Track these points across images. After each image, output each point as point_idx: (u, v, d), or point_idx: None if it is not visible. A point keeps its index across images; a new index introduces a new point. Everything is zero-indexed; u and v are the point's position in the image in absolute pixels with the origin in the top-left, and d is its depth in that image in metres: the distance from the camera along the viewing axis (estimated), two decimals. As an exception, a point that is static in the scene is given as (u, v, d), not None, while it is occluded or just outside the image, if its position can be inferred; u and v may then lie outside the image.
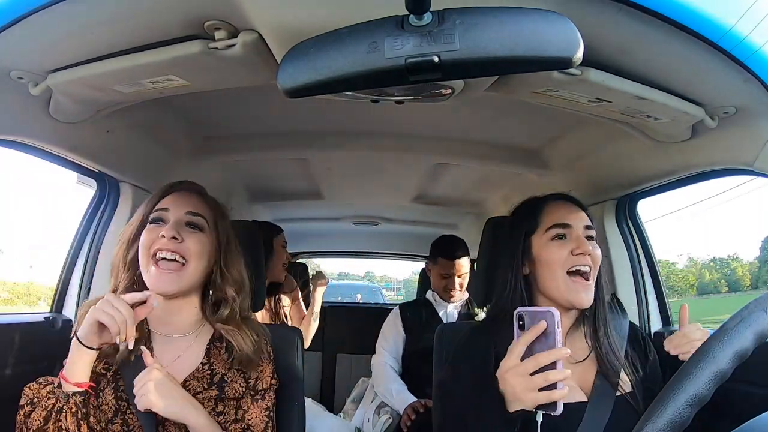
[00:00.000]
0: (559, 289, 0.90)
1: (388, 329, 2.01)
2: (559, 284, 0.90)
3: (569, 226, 0.92)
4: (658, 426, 0.48)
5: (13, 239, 33.52)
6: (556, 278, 0.90)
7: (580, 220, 0.94)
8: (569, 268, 0.90)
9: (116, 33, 0.76)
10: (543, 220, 0.95)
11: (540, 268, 0.93)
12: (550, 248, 0.92)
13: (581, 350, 0.92)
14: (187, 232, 0.89)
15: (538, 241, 0.94)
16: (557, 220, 0.93)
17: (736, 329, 0.52)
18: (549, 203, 0.97)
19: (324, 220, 2.71)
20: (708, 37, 0.66)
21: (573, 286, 0.89)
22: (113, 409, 0.85)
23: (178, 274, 0.87)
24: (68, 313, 1.32)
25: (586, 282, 0.90)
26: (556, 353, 0.69)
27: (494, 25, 0.51)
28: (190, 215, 0.91)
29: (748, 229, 49.21)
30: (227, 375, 0.90)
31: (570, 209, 0.95)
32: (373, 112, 1.27)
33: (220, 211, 0.97)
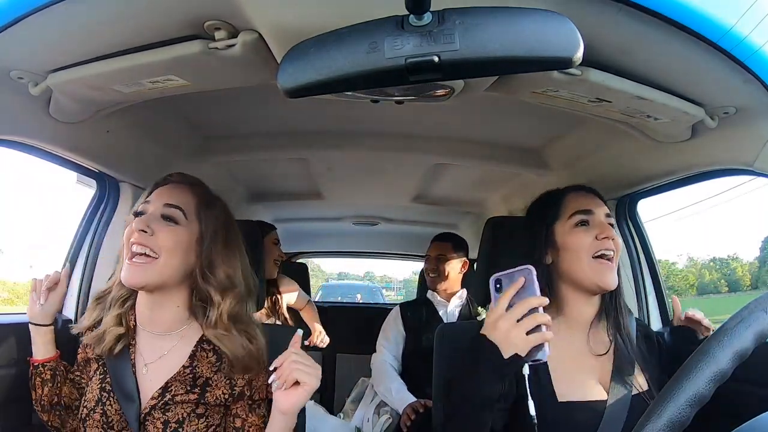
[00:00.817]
0: (585, 272, 0.91)
1: (389, 328, 2.01)
2: (585, 268, 0.91)
3: (592, 212, 0.94)
4: (658, 426, 0.48)
5: (13, 239, 33.53)
6: (581, 263, 0.91)
7: (600, 207, 0.96)
8: (594, 252, 0.91)
9: (116, 33, 0.76)
10: (565, 208, 0.96)
11: (565, 255, 0.93)
12: (575, 234, 0.93)
13: (602, 344, 0.92)
14: (160, 224, 0.85)
15: (562, 229, 0.95)
16: (580, 206, 0.95)
17: (736, 329, 0.52)
18: (569, 193, 0.99)
19: (324, 220, 2.71)
20: (708, 37, 0.66)
21: (599, 268, 0.90)
22: (96, 398, 0.86)
23: (146, 267, 0.83)
24: (68, 313, 1.32)
25: (611, 264, 0.91)
26: (538, 300, 0.76)
27: (494, 25, 0.51)
28: (166, 207, 0.86)
29: (748, 229, 49.21)
30: (212, 379, 0.87)
31: (590, 198, 0.98)
32: (373, 112, 1.27)
33: (205, 201, 0.91)
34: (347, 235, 3.05)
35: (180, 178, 0.93)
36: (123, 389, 0.85)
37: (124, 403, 0.84)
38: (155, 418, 0.83)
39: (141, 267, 0.83)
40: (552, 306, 0.93)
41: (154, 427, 0.83)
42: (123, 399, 0.84)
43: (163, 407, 0.84)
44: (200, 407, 0.85)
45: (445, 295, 2.00)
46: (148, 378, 0.87)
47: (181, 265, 0.86)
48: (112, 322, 0.88)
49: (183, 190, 0.90)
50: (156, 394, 0.85)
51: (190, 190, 0.91)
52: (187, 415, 0.84)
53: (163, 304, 0.88)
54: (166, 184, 0.92)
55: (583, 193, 0.99)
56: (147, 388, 0.86)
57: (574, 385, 0.86)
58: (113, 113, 1.03)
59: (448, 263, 1.97)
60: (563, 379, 0.86)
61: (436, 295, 2.01)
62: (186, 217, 0.87)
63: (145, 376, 0.87)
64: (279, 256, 1.93)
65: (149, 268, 0.83)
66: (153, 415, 0.84)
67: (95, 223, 1.36)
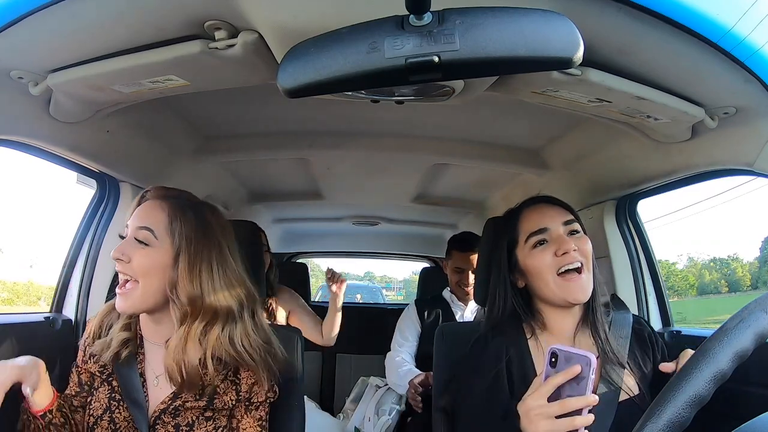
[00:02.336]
0: (553, 291, 0.90)
1: (405, 326, 1.96)
2: (552, 287, 0.90)
3: (546, 229, 0.92)
4: (658, 426, 0.48)
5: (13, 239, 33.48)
6: (547, 283, 0.90)
7: (556, 218, 0.93)
8: (557, 269, 0.89)
9: (116, 33, 0.76)
10: (521, 230, 0.95)
11: (531, 278, 0.93)
12: (534, 256, 0.92)
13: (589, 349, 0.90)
14: (135, 249, 0.83)
15: (522, 253, 0.94)
16: (532, 227, 0.93)
17: (736, 329, 0.52)
18: (522, 212, 0.97)
19: (324, 220, 2.71)
20: (708, 37, 0.66)
21: (565, 285, 0.89)
22: (103, 407, 0.87)
23: (129, 294, 0.83)
24: (68, 313, 1.32)
25: (579, 276, 0.89)
26: (586, 400, 0.66)
27: (494, 25, 0.51)
28: (138, 230, 0.85)
29: (748, 229, 49.16)
30: (219, 387, 0.87)
31: (543, 212, 0.94)
32: (373, 112, 1.27)
33: (175, 215, 0.86)
34: (347, 235, 3.05)
35: (155, 193, 0.90)
36: (131, 396, 0.86)
37: (133, 409, 0.85)
38: (165, 422, 0.85)
39: (125, 295, 0.84)
40: (536, 321, 0.94)
41: (165, 430, 0.84)
42: (133, 406, 0.86)
43: (173, 412, 0.85)
44: (208, 411, 0.87)
45: (465, 298, 1.95)
46: (159, 387, 0.88)
47: (162, 284, 0.84)
48: (118, 329, 0.89)
49: (154, 207, 0.87)
50: (167, 398, 0.86)
51: (161, 205, 0.87)
52: (196, 418, 0.85)
53: (161, 320, 0.89)
54: (142, 202, 0.90)
55: (537, 207, 0.96)
56: (157, 396, 0.87)
57: None
58: (113, 113, 1.03)
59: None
60: None
61: (453, 296, 1.97)
62: (156, 237, 0.84)
63: (156, 387, 0.88)
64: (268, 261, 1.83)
65: (132, 294, 0.83)
66: (163, 419, 0.85)
67: (95, 223, 1.36)
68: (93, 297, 1.33)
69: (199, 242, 0.86)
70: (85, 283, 1.33)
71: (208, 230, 0.88)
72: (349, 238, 3.16)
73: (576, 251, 0.89)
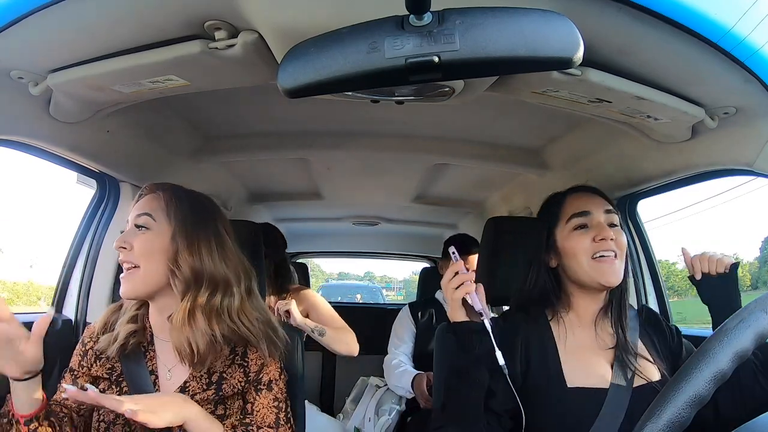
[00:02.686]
0: (587, 273, 0.92)
1: (401, 327, 1.98)
2: (586, 269, 0.92)
3: (589, 213, 0.94)
4: (658, 426, 0.48)
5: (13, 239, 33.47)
6: (582, 265, 0.93)
7: (599, 206, 0.96)
8: (593, 254, 0.92)
9: (116, 33, 0.76)
10: (563, 212, 0.97)
11: (566, 258, 0.95)
12: (573, 238, 0.94)
13: (609, 336, 0.94)
14: (135, 235, 0.87)
15: (561, 234, 0.96)
16: (576, 209, 0.96)
17: (736, 329, 0.52)
18: (569, 196, 0.99)
19: (324, 220, 2.71)
20: (708, 37, 0.66)
21: (599, 267, 0.91)
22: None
23: (131, 278, 0.86)
24: (68, 313, 1.32)
25: (613, 260, 0.92)
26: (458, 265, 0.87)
27: (494, 25, 0.51)
28: (137, 217, 0.88)
29: (748, 229, 49.09)
30: (226, 372, 0.88)
31: (588, 198, 0.97)
32: (373, 112, 1.27)
33: (172, 200, 0.90)
34: (347, 235, 3.05)
35: (151, 188, 0.93)
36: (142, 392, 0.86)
37: None
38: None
39: (127, 278, 0.86)
40: (563, 302, 0.97)
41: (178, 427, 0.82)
42: None
43: None
44: (219, 407, 0.87)
45: None
46: (171, 382, 0.88)
47: (163, 266, 0.86)
48: (125, 321, 0.90)
49: (152, 197, 0.91)
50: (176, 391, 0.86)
51: (157, 195, 0.91)
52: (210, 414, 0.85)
53: (167, 308, 0.89)
54: (140, 199, 0.93)
55: (582, 194, 0.99)
56: (169, 390, 0.87)
57: (581, 373, 0.89)
58: (113, 113, 1.03)
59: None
60: (572, 367, 0.90)
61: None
62: (155, 220, 0.88)
63: (168, 381, 0.89)
64: None
65: (133, 277, 0.86)
66: None
67: (95, 223, 1.36)
68: (93, 297, 1.33)
69: (196, 221, 0.89)
70: (85, 283, 1.33)
71: (203, 212, 0.92)
72: (349, 238, 3.16)
73: (613, 240, 0.92)
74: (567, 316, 0.96)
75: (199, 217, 0.90)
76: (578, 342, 0.94)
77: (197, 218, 0.90)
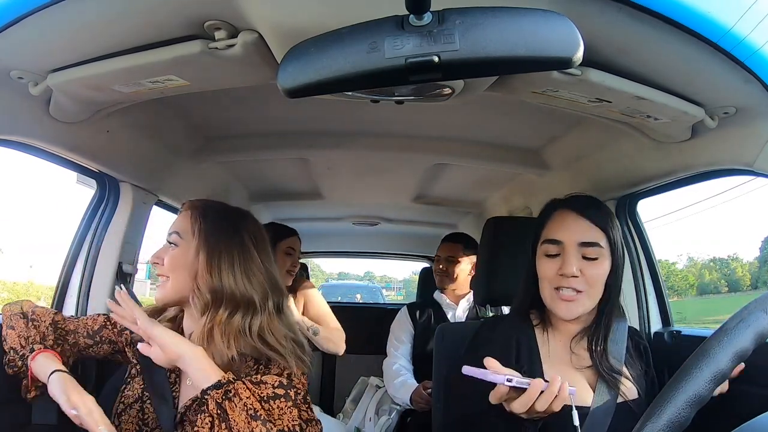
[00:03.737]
0: (547, 300, 0.93)
1: (399, 329, 1.98)
2: (546, 296, 0.93)
3: (560, 242, 0.92)
4: (658, 426, 0.48)
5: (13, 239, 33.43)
6: (545, 292, 0.93)
7: (575, 234, 0.91)
8: (555, 285, 0.91)
9: (116, 33, 0.76)
10: (542, 231, 0.96)
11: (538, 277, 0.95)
12: (542, 263, 0.94)
13: (586, 354, 0.93)
14: (166, 251, 0.92)
15: (538, 252, 0.96)
16: (549, 234, 0.94)
17: (736, 329, 0.52)
18: (554, 213, 0.96)
19: (324, 220, 2.71)
20: (708, 37, 0.66)
21: (557, 301, 0.91)
22: (136, 395, 0.90)
23: (162, 287, 0.92)
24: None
25: (574, 296, 0.90)
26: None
27: (494, 25, 0.51)
28: (170, 234, 0.94)
29: (748, 229, 49.13)
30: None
31: (566, 223, 0.92)
32: (373, 112, 1.27)
33: (199, 216, 0.92)
34: (347, 235, 3.05)
35: (186, 205, 0.97)
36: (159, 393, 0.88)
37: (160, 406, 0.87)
38: (192, 420, 0.81)
39: (160, 287, 0.93)
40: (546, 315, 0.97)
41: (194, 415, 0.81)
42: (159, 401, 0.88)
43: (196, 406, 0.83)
44: None
45: (454, 296, 1.97)
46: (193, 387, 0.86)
47: (189, 281, 0.90)
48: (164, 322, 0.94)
49: (184, 214, 0.95)
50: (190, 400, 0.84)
51: (187, 213, 0.95)
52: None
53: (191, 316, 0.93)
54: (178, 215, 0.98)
55: (566, 213, 0.94)
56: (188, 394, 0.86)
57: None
58: (113, 113, 1.03)
59: (458, 265, 1.94)
60: None
61: (444, 297, 1.98)
62: (182, 238, 0.92)
63: (189, 386, 0.87)
64: (292, 267, 1.80)
65: (164, 286, 0.92)
66: (189, 417, 0.83)
67: (95, 223, 1.36)
68: (93, 297, 1.33)
69: (218, 238, 0.90)
70: (85, 283, 1.33)
71: (227, 228, 0.92)
72: (349, 238, 3.16)
73: (578, 278, 0.89)
74: (549, 328, 0.97)
75: (222, 234, 0.91)
76: (559, 356, 0.93)
77: (219, 235, 0.91)
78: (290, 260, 1.80)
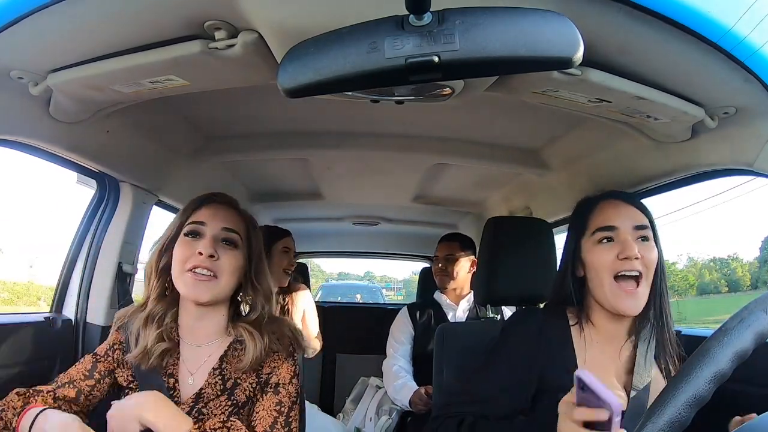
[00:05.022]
0: (606, 294, 0.88)
1: (399, 329, 1.97)
2: (606, 290, 0.88)
3: (615, 228, 0.89)
4: (658, 426, 0.48)
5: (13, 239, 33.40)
6: (603, 284, 0.88)
7: (628, 219, 0.90)
8: (616, 272, 0.87)
9: (116, 33, 0.76)
10: (590, 222, 0.93)
11: (589, 271, 0.91)
12: (596, 252, 0.90)
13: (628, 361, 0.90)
14: (222, 248, 0.90)
15: (586, 244, 0.92)
16: (602, 222, 0.91)
17: (736, 329, 0.52)
18: (598, 204, 0.94)
19: (324, 220, 2.71)
20: (708, 37, 0.66)
21: (618, 292, 0.86)
22: None
23: (210, 285, 0.89)
24: (68, 313, 1.32)
25: (635, 288, 0.86)
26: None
27: (494, 25, 0.51)
28: (226, 231, 0.91)
29: (748, 229, 49.05)
30: (240, 378, 0.89)
31: (618, 209, 0.92)
32: (373, 112, 1.27)
33: (252, 225, 0.98)
34: (347, 235, 3.05)
35: (225, 198, 0.98)
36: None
37: None
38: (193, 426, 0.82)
39: (206, 285, 0.88)
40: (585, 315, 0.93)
41: None
42: None
43: (197, 415, 0.85)
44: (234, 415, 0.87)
45: (454, 296, 1.97)
46: (192, 387, 0.89)
47: (235, 283, 0.93)
48: (155, 340, 0.89)
49: (233, 213, 0.95)
50: (191, 399, 0.87)
51: (238, 213, 0.96)
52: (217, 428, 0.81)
53: (211, 315, 0.93)
54: (214, 203, 0.95)
55: (612, 202, 0.94)
56: (188, 395, 0.88)
57: None
58: (113, 113, 1.03)
59: (457, 263, 1.94)
60: None
61: (444, 297, 1.98)
62: (242, 240, 0.93)
63: (189, 386, 0.89)
64: (289, 266, 1.87)
65: (213, 286, 0.89)
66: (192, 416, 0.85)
67: (95, 223, 1.36)
68: (93, 297, 1.33)
69: (262, 252, 0.98)
70: (85, 283, 1.33)
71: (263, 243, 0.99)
72: (349, 238, 3.16)
73: (638, 259, 0.86)
74: (587, 329, 0.92)
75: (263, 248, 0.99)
76: (598, 361, 0.89)
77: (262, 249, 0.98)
78: (287, 259, 1.86)
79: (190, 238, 0.90)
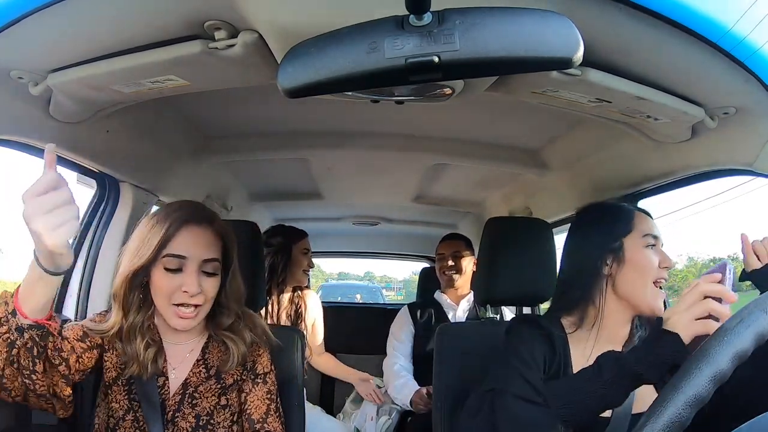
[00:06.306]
0: (646, 295, 0.90)
1: (399, 329, 1.97)
2: (647, 291, 0.91)
3: (659, 239, 0.94)
4: (658, 426, 0.48)
5: (13, 239, 33.43)
6: (645, 285, 0.91)
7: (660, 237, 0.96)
8: (656, 278, 0.91)
9: (116, 33, 0.76)
10: (638, 225, 0.95)
11: (629, 270, 0.92)
12: (647, 254, 0.92)
13: None
14: (204, 279, 0.90)
15: (633, 244, 0.93)
16: (649, 230, 0.94)
17: (735, 329, 0.52)
18: (638, 213, 0.98)
19: (324, 220, 2.71)
20: (708, 37, 0.66)
21: (657, 294, 0.91)
22: (125, 407, 0.90)
23: (196, 316, 0.91)
24: (68, 313, 1.32)
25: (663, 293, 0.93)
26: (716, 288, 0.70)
27: (494, 25, 0.51)
28: (205, 263, 0.90)
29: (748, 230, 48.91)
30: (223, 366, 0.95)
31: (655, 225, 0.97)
32: (373, 112, 1.27)
33: (228, 237, 0.95)
34: (347, 235, 3.05)
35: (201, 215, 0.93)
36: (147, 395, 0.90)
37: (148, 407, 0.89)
38: (186, 413, 0.90)
39: (191, 319, 0.90)
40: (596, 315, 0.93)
41: (186, 422, 0.90)
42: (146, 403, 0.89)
43: (190, 401, 0.91)
44: (223, 398, 0.93)
45: (455, 296, 1.97)
46: (177, 380, 0.94)
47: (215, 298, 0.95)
48: (144, 349, 0.89)
49: (210, 234, 0.92)
50: (179, 389, 0.92)
51: (214, 231, 0.93)
52: (213, 407, 0.92)
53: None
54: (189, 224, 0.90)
55: (650, 218, 0.98)
56: (173, 388, 0.93)
57: None
58: (113, 113, 1.03)
59: (463, 259, 1.95)
60: None
61: (444, 297, 1.98)
62: (221, 261, 0.93)
63: (173, 380, 0.94)
64: (308, 266, 1.93)
65: (198, 316, 0.91)
66: (183, 411, 0.90)
67: (95, 223, 1.36)
68: (93, 297, 1.33)
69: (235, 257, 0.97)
70: (85, 283, 1.33)
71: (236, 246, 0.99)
72: (349, 238, 3.16)
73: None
74: (591, 332, 0.93)
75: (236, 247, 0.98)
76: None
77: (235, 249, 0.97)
78: (306, 259, 1.91)
79: (172, 273, 0.88)
